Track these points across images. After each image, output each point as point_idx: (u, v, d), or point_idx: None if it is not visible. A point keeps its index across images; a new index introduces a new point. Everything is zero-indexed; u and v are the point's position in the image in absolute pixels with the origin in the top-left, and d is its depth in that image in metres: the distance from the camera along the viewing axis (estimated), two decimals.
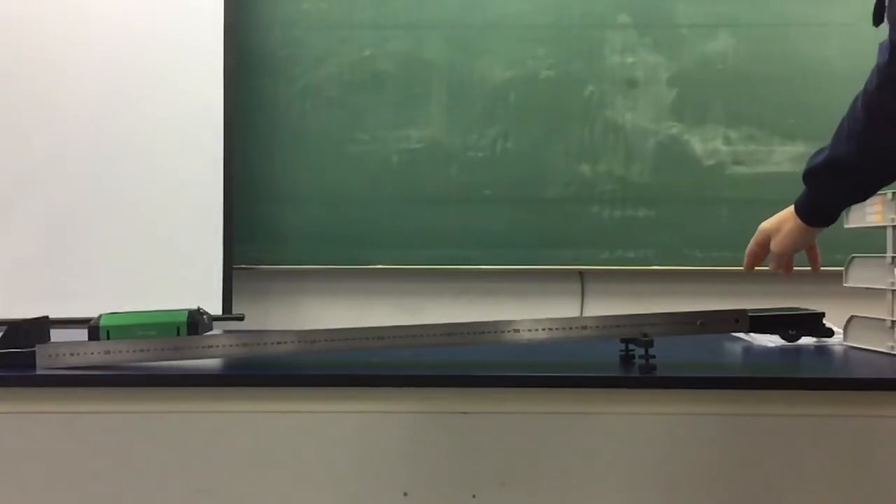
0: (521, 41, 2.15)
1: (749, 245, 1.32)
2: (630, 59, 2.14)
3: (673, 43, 2.14)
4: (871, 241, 1.58)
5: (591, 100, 2.14)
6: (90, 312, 1.88)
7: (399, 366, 1.34)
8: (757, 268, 1.33)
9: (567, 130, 2.14)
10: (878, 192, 1.49)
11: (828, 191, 1.19)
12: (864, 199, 1.28)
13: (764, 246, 1.30)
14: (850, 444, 1.24)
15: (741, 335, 1.71)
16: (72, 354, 1.30)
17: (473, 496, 1.25)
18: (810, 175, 1.20)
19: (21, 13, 2.02)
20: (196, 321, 1.35)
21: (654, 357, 1.26)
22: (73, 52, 2.02)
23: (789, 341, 1.52)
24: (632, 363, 1.34)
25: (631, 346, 1.35)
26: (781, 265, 1.31)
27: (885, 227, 1.51)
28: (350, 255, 2.15)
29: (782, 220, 1.27)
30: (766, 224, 1.30)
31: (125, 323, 1.34)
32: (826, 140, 1.20)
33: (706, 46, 2.13)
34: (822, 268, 1.30)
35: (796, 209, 1.24)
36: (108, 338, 1.32)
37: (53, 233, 1.99)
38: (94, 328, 1.33)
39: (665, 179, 2.13)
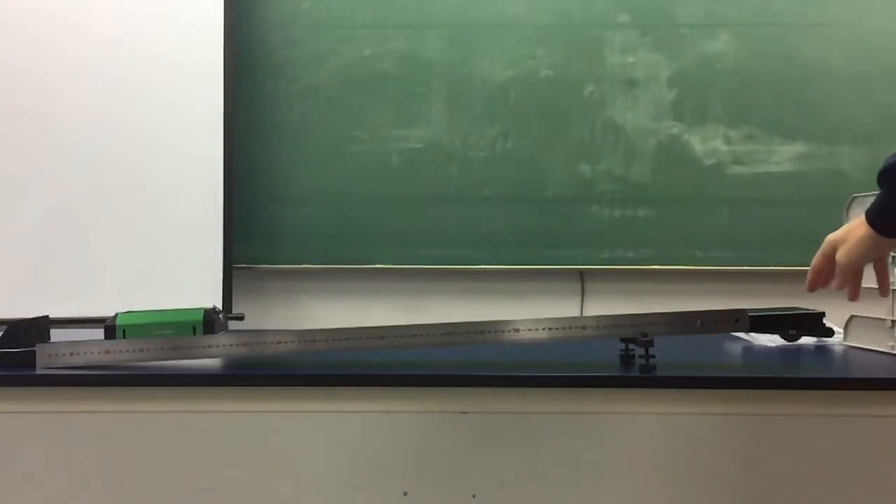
0: (521, 41, 2.15)
1: (814, 259, 1.16)
2: (630, 59, 2.14)
3: (673, 43, 2.14)
4: None
5: (591, 100, 2.14)
6: (90, 312, 1.89)
7: (399, 366, 1.34)
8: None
9: (567, 130, 2.14)
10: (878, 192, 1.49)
11: None
12: None
13: (832, 259, 1.13)
14: (850, 444, 1.24)
15: (741, 335, 1.71)
16: (72, 354, 1.30)
17: (473, 496, 1.26)
18: (886, 174, 1.05)
19: (20, 13, 2.02)
20: (212, 320, 1.36)
21: (654, 357, 1.26)
22: (72, 51, 2.02)
23: (789, 341, 1.52)
24: (632, 363, 1.34)
25: (631, 346, 1.35)
26: (847, 281, 1.13)
27: None
28: (350, 254, 2.15)
29: (851, 228, 1.12)
30: (832, 235, 1.14)
31: (142, 322, 1.34)
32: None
33: (706, 46, 2.13)
34: None
35: (867, 216, 1.09)
36: (125, 336, 1.32)
37: (53, 233, 1.99)
38: (111, 327, 1.34)
39: (665, 179, 2.13)
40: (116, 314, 1.36)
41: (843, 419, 1.24)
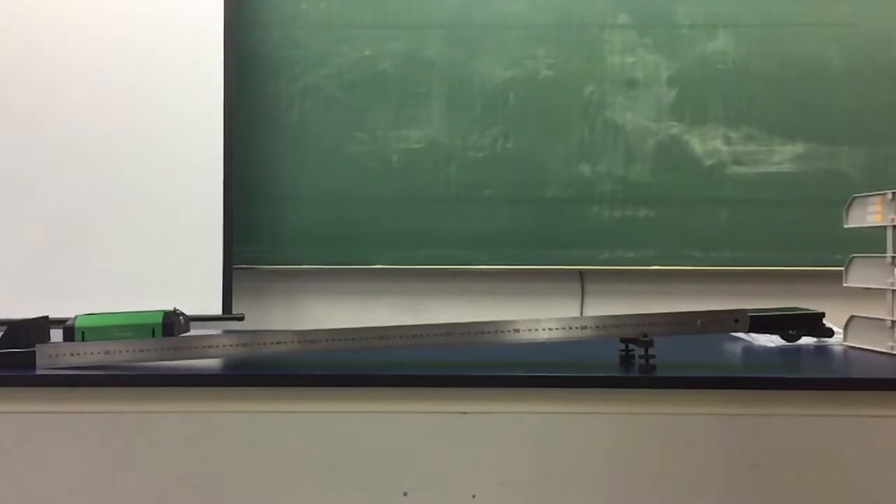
0: (521, 41, 2.15)
1: None
2: (630, 59, 2.14)
3: (673, 43, 2.14)
4: (871, 241, 1.58)
5: (591, 100, 2.14)
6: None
7: (399, 366, 1.34)
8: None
9: (567, 130, 2.14)
10: (878, 192, 1.50)
11: None
12: None
13: None
14: (851, 444, 1.24)
15: (741, 335, 1.71)
16: (72, 354, 1.29)
17: (473, 496, 1.25)
18: None
19: (21, 13, 2.02)
20: (171, 322, 1.34)
21: (654, 357, 1.26)
22: (72, 51, 2.02)
23: (789, 341, 1.52)
24: (632, 363, 1.34)
25: (631, 346, 1.35)
26: None
27: (885, 227, 1.51)
28: (350, 255, 2.15)
29: None
30: None
31: (101, 324, 1.33)
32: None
33: (706, 46, 2.13)
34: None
35: None
36: (84, 339, 1.31)
37: (53, 233, 1.99)
38: (69, 329, 1.32)
39: (665, 179, 2.13)
40: (76, 316, 1.34)
41: (843, 419, 1.24)
